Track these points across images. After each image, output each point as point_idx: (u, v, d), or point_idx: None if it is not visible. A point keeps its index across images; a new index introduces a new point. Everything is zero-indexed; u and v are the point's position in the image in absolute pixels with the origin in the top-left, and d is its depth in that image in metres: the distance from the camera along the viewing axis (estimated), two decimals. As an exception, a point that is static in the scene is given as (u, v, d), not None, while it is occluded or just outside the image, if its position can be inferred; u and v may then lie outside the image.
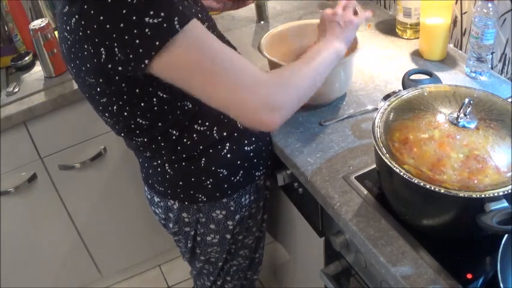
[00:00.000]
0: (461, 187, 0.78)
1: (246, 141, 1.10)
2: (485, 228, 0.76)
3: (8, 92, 1.55)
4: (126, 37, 0.81)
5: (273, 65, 1.23)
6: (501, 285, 0.74)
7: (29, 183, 1.64)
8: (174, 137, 1.02)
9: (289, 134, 1.18)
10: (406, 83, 1.12)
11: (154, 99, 0.94)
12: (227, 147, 1.07)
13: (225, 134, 1.05)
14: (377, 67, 1.37)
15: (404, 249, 0.88)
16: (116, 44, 0.83)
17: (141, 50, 0.82)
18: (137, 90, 0.92)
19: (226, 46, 0.88)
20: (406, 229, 0.91)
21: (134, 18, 0.80)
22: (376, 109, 1.14)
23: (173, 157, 1.05)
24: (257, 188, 1.18)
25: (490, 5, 1.16)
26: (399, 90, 1.04)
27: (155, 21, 0.80)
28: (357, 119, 1.20)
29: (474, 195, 0.77)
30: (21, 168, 1.62)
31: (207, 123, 1.03)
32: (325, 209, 1.04)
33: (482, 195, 0.77)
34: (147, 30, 0.80)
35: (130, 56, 0.83)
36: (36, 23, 1.53)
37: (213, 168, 1.07)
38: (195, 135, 1.02)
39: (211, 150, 1.05)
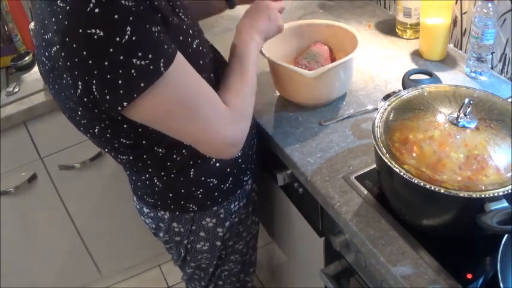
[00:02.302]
0: (461, 187, 0.78)
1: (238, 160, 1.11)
2: (485, 228, 0.76)
3: (8, 92, 1.55)
4: (109, 76, 0.78)
5: (273, 65, 1.23)
6: (501, 285, 0.74)
7: (29, 183, 1.64)
8: (160, 154, 1.00)
9: (289, 134, 1.18)
10: (406, 83, 1.12)
11: (138, 122, 0.90)
12: (214, 158, 1.06)
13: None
14: (377, 67, 1.37)
15: (404, 249, 0.88)
16: (94, 81, 0.79)
17: (121, 91, 0.79)
18: (119, 117, 0.88)
19: (202, 81, 0.88)
20: (406, 229, 0.91)
21: (121, 58, 0.77)
22: (376, 109, 1.14)
23: (162, 172, 1.04)
24: (246, 194, 1.18)
25: (490, 5, 1.16)
26: (399, 90, 1.04)
27: (142, 62, 0.78)
28: (357, 119, 1.20)
29: (474, 195, 0.77)
30: (21, 168, 1.62)
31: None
32: (325, 209, 1.04)
33: (482, 195, 0.77)
34: (133, 71, 0.77)
35: (107, 96, 0.80)
36: (36, 23, 1.53)
37: (203, 178, 1.06)
38: (184, 151, 1.01)
39: (199, 161, 1.04)
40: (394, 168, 0.83)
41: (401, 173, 0.82)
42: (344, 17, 1.63)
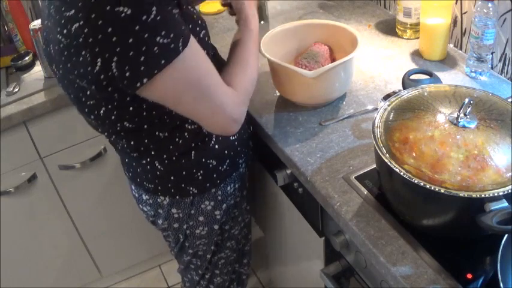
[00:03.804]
0: (461, 187, 0.78)
1: (234, 143, 1.15)
2: (485, 228, 0.76)
3: (8, 92, 1.55)
4: (131, 53, 0.82)
5: (273, 65, 1.23)
6: (501, 285, 0.74)
7: (29, 183, 1.64)
8: (162, 138, 1.03)
9: (289, 134, 1.18)
10: (406, 83, 1.12)
11: (144, 105, 0.95)
12: (214, 139, 1.10)
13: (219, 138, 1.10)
14: (377, 67, 1.37)
15: (404, 249, 0.88)
16: (115, 58, 0.83)
17: (142, 68, 0.83)
18: (128, 98, 0.92)
19: (210, 63, 0.95)
20: (406, 229, 0.91)
21: (146, 36, 0.81)
22: (376, 109, 1.14)
23: (164, 155, 1.07)
24: (240, 176, 1.22)
25: (490, 5, 1.16)
26: (399, 90, 1.04)
27: (165, 41, 0.83)
28: (357, 119, 1.20)
29: (474, 195, 0.77)
30: (21, 168, 1.62)
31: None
32: (325, 209, 1.04)
33: (482, 195, 0.77)
34: (155, 48, 0.82)
35: (127, 73, 0.84)
36: (36, 23, 1.53)
37: (203, 160, 1.10)
38: (186, 134, 1.05)
39: (200, 143, 1.08)
40: (394, 168, 0.83)
41: (401, 173, 0.82)
42: (344, 17, 1.63)
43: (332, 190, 1.01)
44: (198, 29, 0.97)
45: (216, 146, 1.11)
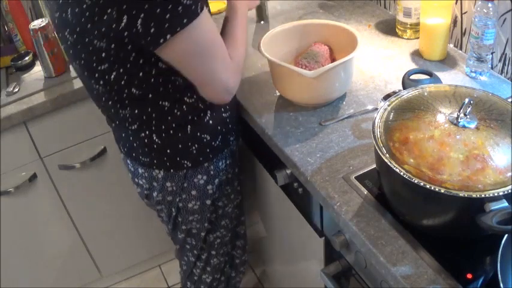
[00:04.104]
0: (461, 187, 0.78)
1: (223, 109, 1.21)
2: (485, 228, 0.76)
3: (8, 92, 1.55)
4: (158, 10, 0.89)
5: (273, 65, 1.23)
6: (501, 285, 0.74)
7: (29, 183, 1.64)
8: (166, 108, 1.10)
9: (289, 134, 1.18)
10: (406, 83, 1.12)
11: (154, 70, 1.02)
12: (209, 115, 1.17)
13: (207, 103, 1.15)
14: (377, 67, 1.37)
15: (404, 249, 0.88)
16: (142, 15, 0.90)
17: (166, 25, 0.91)
18: (141, 61, 0.99)
19: (218, 32, 1.05)
20: (406, 229, 0.91)
21: None
22: (376, 109, 1.14)
23: (163, 127, 1.13)
24: (231, 153, 1.29)
25: (490, 5, 1.16)
26: (399, 90, 1.04)
27: (188, 2, 0.91)
28: (357, 119, 1.20)
29: (474, 195, 0.77)
30: (21, 168, 1.62)
31: (194, 96, 1.11)
32: (325, 209, 1.04)
33: (482, 195, 0.77)
34: (179, 8, 0.90)
35: (152, 30, 0.91)
36: (36, 23, 1.53)
37: (198, 134, 1.17)
38: (184, 107, 1.11)
39: (196, 118, 1.15)
40: (394, 168, 0.83)
41: (401, 173, 0.82)
42: (344, 17, 1.63)
43: (332, 190, 1.01)
44: (205, 5, 1.03)
45: (210, 122, 1.18)
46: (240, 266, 1.54)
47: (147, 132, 1.14)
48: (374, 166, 1.03)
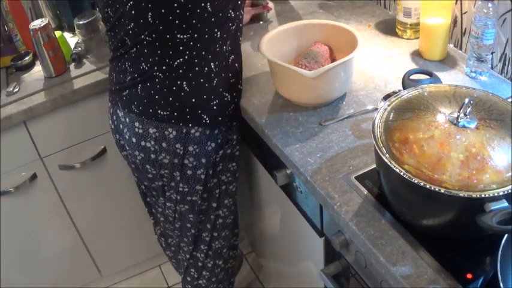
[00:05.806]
0: (461, 187, 0.78)
1: (240, 81, 1.29)
2: (485, 228, 0.76)
3: (8, 92, 1.55)
4: None
5: (273, 65, 1.23)
6: (501, 285, 0.74)
7: (29, 183, 1.64)
8: (200, 53, 1.15)
9: (289, 134, 1.18)
10: (406, 83, 1.12)
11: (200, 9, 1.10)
12: (231, 77, 1.24)
13: (236, 65, 1.25)
14: (377, 67, 1.37)
15: (404, 249, 0.88)
16: None
17: None
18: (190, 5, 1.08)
19: None
20: (406, 229, 0.91)
21: None
22: (376, 109, 1.14)
23: (190, 74, 1.17)
24: (238, 131, 1.34)
25: (490, 5, 1.16)
26: (399, 90, 1.04)
27: None
28: (357, 119, 1.20)
29: (474, 195, 0.77)
30: (21, 168, 1.62)
31: (224, 48, 1.19)
32: (325, 209, 1.04)
33: (482, 195, 0.77)
34: None
35: None
36: (36, 23, 1.53)
37: (221, 90, 1.22)
38: (217, 60, 1.19)
39: (223, 75, 1.21)
40: (394, 168, 0.83)
41: (401, 173, 0.82)
42: (344, 17, 1.63)
43: (332, 190, 1.01)
44: None
45: (232, 80, 1.25)
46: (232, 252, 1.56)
47: (177, 80, 1.17)
48: (374, 166, 1.03)
